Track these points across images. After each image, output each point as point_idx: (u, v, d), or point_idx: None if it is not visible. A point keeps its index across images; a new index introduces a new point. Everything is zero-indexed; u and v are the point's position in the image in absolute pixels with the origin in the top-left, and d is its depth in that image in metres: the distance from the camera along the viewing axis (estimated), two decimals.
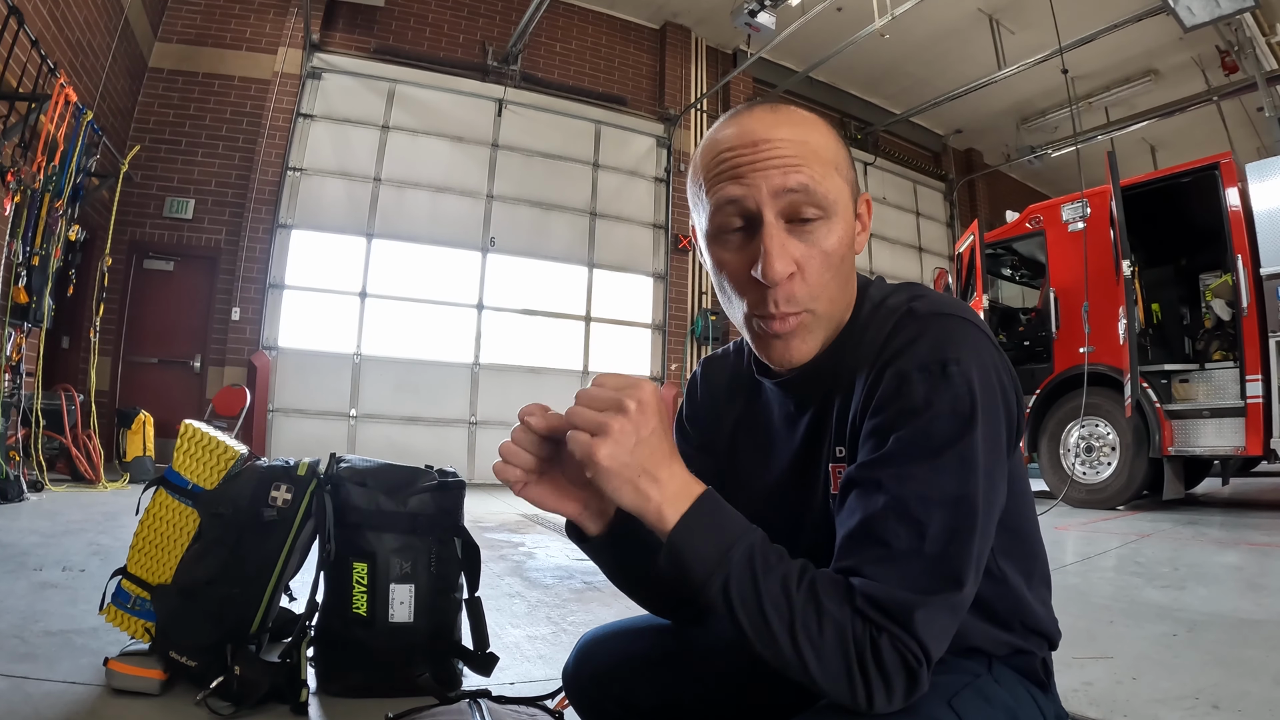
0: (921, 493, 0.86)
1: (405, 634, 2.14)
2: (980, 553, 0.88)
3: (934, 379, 0.89)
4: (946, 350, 0.90)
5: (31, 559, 3.63)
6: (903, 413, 0.89)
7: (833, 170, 0.99)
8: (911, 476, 0.87)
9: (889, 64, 12.90)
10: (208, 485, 2.18)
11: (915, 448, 0.88)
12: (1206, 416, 6.75)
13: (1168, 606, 3.29)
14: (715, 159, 1.00)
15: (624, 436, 0.86)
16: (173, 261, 9.73)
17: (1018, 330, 8.46)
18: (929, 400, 0.88)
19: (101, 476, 7.01)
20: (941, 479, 0.86)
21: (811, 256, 0.98)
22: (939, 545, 0.85)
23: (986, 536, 0.89)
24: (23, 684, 2.01)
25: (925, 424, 0.88)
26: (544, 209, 11.46)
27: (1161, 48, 11.46)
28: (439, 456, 9.72)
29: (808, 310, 0.99)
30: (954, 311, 0.96)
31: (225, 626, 2.05)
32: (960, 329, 0.93)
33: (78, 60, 7.71)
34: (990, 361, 0.92)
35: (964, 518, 0.86)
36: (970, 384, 0.89)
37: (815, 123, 1.01)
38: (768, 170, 0.96)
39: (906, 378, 0.91)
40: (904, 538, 0.85)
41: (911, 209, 15.36)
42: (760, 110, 1.01)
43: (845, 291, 1.05)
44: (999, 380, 0.93)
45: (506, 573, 4.05)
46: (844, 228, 1.00)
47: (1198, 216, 7.28)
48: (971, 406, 0.88)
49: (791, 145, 0.96)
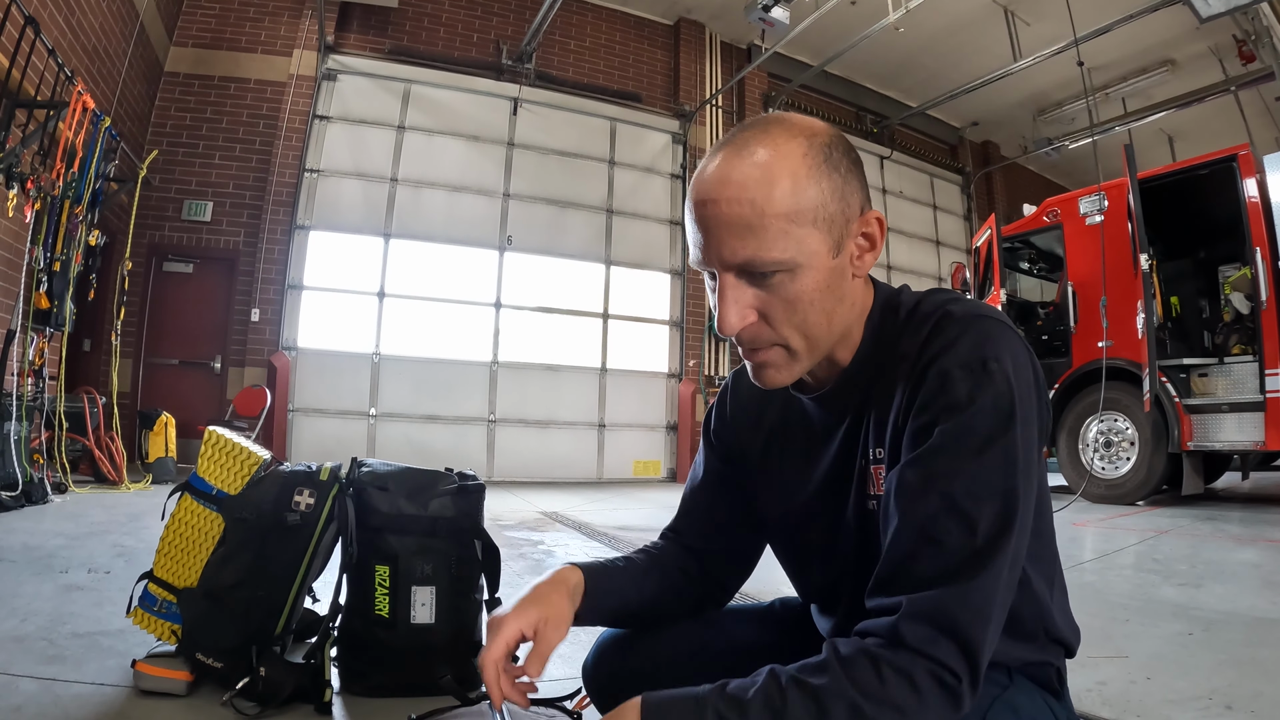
0: (970, 488, 0.89)
1: (427, 635, 2.17)
2: (1020, 547, 0.90)
3: (976, 376, 0.92)
4: (986, 349, 0.93)
5: (57, 561, 3.67)
6: (947, 408, 0.92)
7: (789, 224, 0.95)
8: (959, 472, 0.90)
9: (904, 57, 12.84)
10: (232, 491, 2.21)
11: (961, 442, 0.90)
12: (1226, 411, 6.70)
13: (1184, 605, 3.28)
14: (688, 209, 1.01)
15: None
16: (192, 264, 9.82)
17: (1036, 324, 8.41)
18: (972, 396, 0.91)
19: (124, 478, 7.07)
20: (988, 474, 0.89)
21: (773, 304, 0.99)
22: (987, 538, 0.88)
23: (1026, 532, 0.92)
24: (52, 686, 2.04)
25: (969, 419, 0.91)
26: (560, 207, 11.48)
27: (1178, 38, 11.34)
28: (458, 455, 9.88)
29: (778, 345, 1.02)
30: (989, 314, 0.98)
31: (250, 628, 2.08)
32: (998, 330, 0.96)
33: (94, 67, 7.79)
34: (1026, 362, 0.95)
35: (1010, 511, 0.89)
36: (1010, 382, 0.92)
37: (775, 168, 0.96)
38: (717, 238, 0.97)
39: (949, 375, 0.93)
40: (956, 533, 0.88)
41: (928, 202, 15.29)
42: (725, 154, 0.99)
43: (833, 317, 1.04)
44: (1035, 381, 0.96)
45: (526, 571, 4.08)
46: (813, 274, 0.98)
47: (1216, 209, 7.22)
48: (1012, 403, 0.91)
49: (741, 207, 0.95)
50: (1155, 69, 12.48)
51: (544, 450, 10.83)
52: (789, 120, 1.02)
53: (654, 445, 11.70)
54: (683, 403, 11.61)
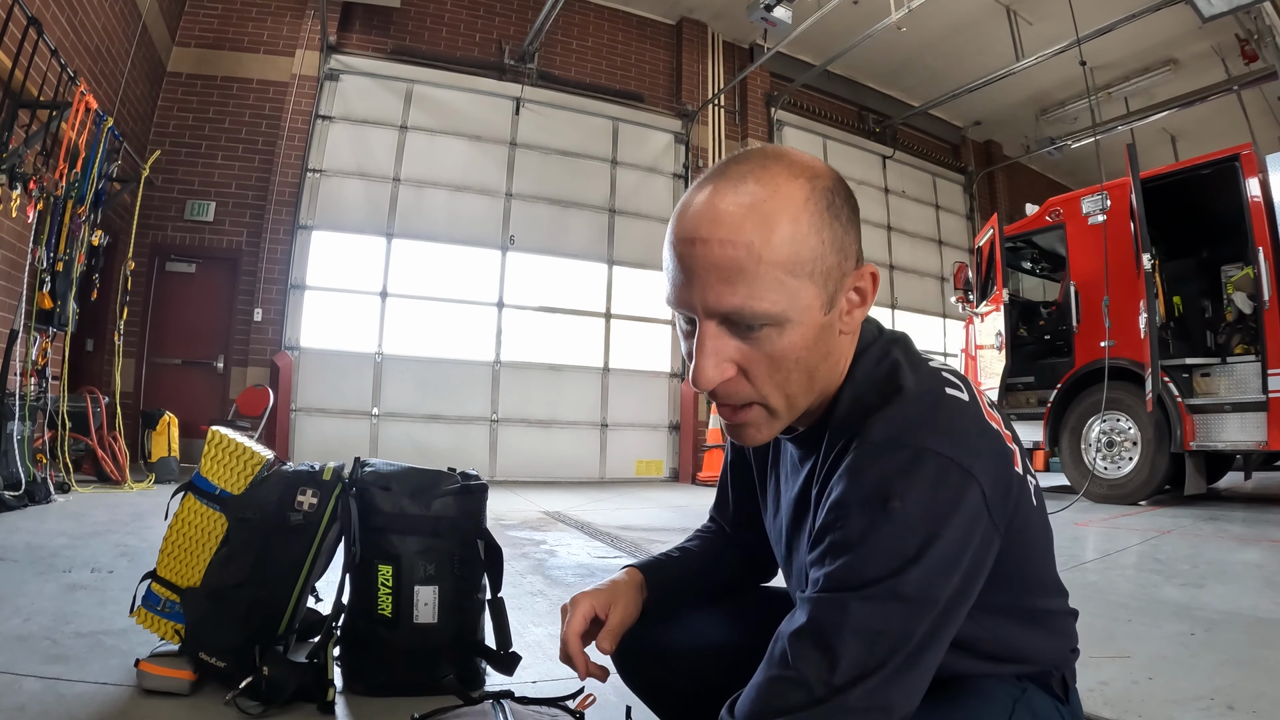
0: (838, 622, 0.83)
1: (429, 634, 2.17)
2: (908, 685, 0.84)
3: (873, 515, 0.85)
4: (894, 485, 0.85)
5: (60, 561, 3.68)
6: (834, 546, 0.87)
7: (784, 274, 0.89)
8: (833, 605, 0.84)
9: (906, 57, 12.83)
10: (235, 490, 2.22)
11: (842, 581, 0.84)
12: (1228, 411, 6.69)
13: (1186, 605, 3.28)
14: (671, 242, 0.95)
15: None
16: (194, 264, 9.84)
17: (1038, 324, 8.43)
18: (862, 537, 0.84)
19: (127, 477, 7.09)
20: (866, 610, 0.83)
21: (756, 360, 0.93)
22: (848, 679, 0.82)
23: (919, 665, 0.85)
24: (55, 685, 2.05)
25: (855, 560, 0.84)
26: (563, 207, 11.48)
27: (1180, 37, 11.32)
28: (460, 454, 9.90)
29: (756, 404, 0.96)
30: (912, 441, 0.88)
31: (253, 628, 2.09)
32: (917, 461, 0.86)
33: (97, 67, 7.80)
34: (957, 491, 0.86)
35: (889, 650, 0.82)
36: (915, 523, 0.83)
37: (774, 210, 0.89)
38: (703, 282, 0.90)
39: (846, 510, 0.87)
40: (814, 664, 0.83)
41: (931, 202, 15.26)
42: (719, 186, 0.92)
43: (816, 376, 0.98)
44: (961, 503, 0.86)
45: (529, 571, 4.08)
46: (802, 330, 0.92)
47: (1219, 208, 7.20)
48: (915, 546, 0.83)
49: (734, 250, 0.88)
50: (1158, 68, 12.45)
51: (546, 450, 10.83)
52: (789, 157, 0.95)
53: (656, 445, 11.69)
54: (685, 403, 11.60)
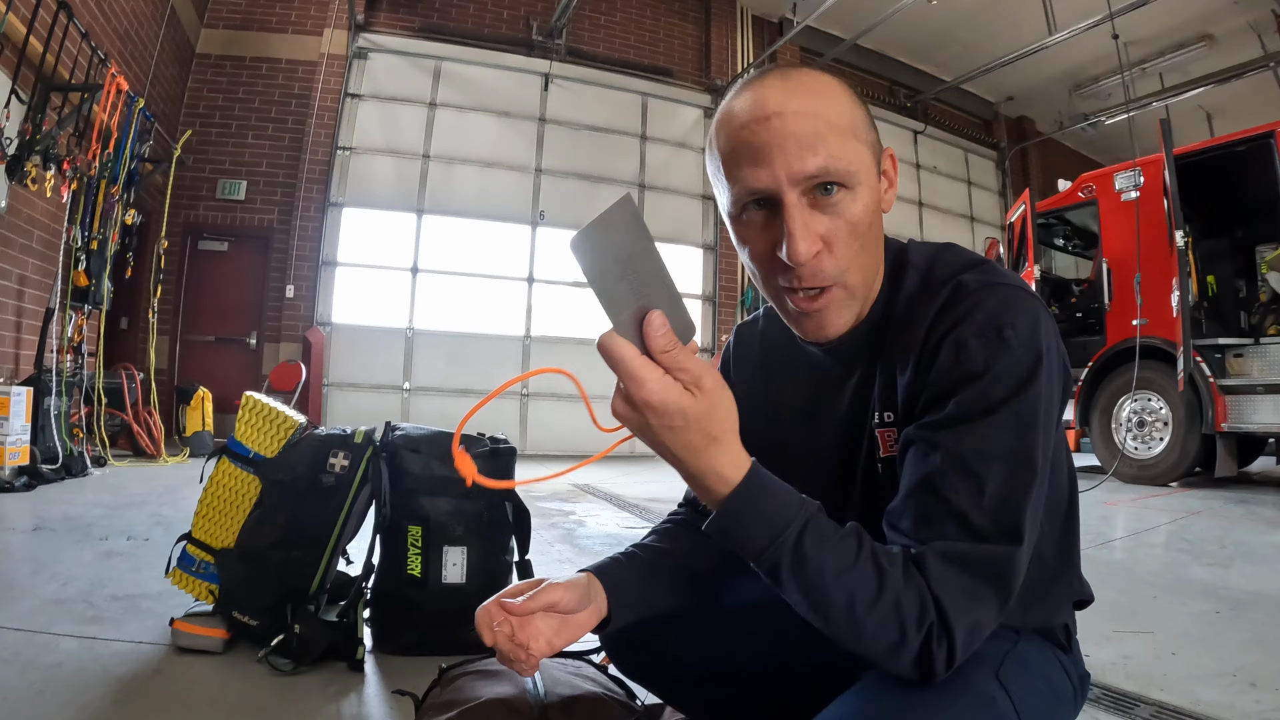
0: (979, 448, 0.88)
1: (457, 594, 2.21)
2: (1037, 508, 0.89)
3: (992, 344, 0.90)
4: (1003, 316, 0.92)
5: (97, 529, 3.78)
6: (963, 378, 0.91)
7: (851, 137, 0.95)
8: (970, 432, 0.88)
9: (938, 31, 12.65)
10: (268, 453, 2.27)
11: (973, 408, 0.89)
12: (1261, 393, 6.57)
13: (1212, 584, 3.27)
14: (730, 137, 0.97)
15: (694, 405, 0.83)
16: (227, 242, 9.95)
17: (1070, 301, 8.29)
18: (987, 364, 0.90)
19: (162, 451, 7.22)
20: (999, 434, 0.88)
21: (838, 229, 0.95)
22: (998, 499, 0.86)
23: (1042, 492, 0.90)
24: (92, 644, 2.11)
25: (984, 386, 0.89)
26: (592, 182, 11.45)
27: (1215, 12, 11.11)
28: (491, 428, 9.75)
29: (838, 284, 0.98)
30: (1003, 280, 0.97)
31: (285, 588, 2.14)
32: (1013, 296, 0.94)
33: (127, 50, 7.90)
34: (1045, 327, 0.93)
35: (1022, 471, 0.87)
36: (1026, 348, 0.90)
37: (829, 87, 0.98)
38: (784, 151, 0.93)
39: (964, 345, 0.92)
40: (963, 493, 0.86)
41: (963, 178, 15.09)
42: (772, 78, 0.97)
43: (875, 257, 1.03)
44: (1054, 344, 0.94)
45: (557, 540, 4.14)
46: (869, 194, 0.97)
47: (1253, 187, 7.06)
48: (1028, 368, 0.89)
49: (806, 119, 0.93)
50: (1193, 44, 12.20)
51: (576, 424, 10.78)
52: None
53: None
54: None
